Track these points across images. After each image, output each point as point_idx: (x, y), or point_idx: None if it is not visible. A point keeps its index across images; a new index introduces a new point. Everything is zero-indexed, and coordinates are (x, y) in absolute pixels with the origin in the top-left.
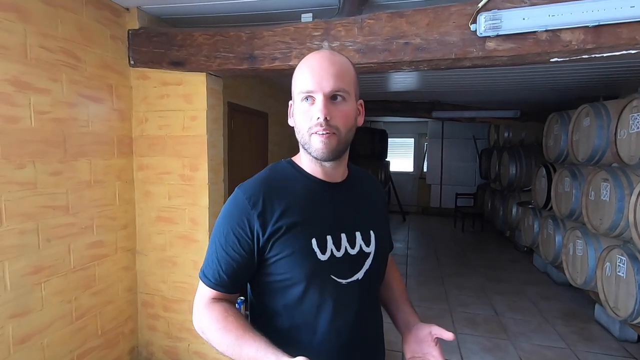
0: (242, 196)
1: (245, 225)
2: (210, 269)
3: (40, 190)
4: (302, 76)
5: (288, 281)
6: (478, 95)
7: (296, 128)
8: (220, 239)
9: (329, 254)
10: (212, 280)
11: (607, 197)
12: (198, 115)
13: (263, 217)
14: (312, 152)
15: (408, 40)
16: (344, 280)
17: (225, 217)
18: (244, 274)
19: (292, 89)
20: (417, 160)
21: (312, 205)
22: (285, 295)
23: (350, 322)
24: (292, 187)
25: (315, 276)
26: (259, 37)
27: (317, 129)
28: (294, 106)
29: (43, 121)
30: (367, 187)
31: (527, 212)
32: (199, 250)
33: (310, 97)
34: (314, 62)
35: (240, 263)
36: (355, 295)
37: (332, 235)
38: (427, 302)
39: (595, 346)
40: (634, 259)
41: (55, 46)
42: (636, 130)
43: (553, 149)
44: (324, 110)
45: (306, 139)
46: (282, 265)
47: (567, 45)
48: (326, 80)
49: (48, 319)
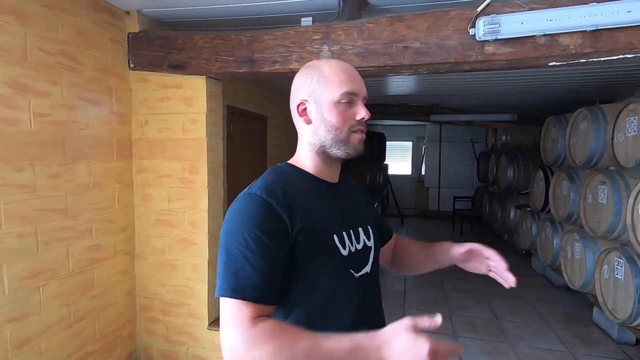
0: (261, 197)
1: (274, 221)
2: (246, 281)
3: (39, 193)
4: (341, 78)
5: (314, 280)
6: (476, 99)
7: (325, 127)
8: (249, 246)
9: (348, 250)
10: (254, 292)
11: (605, 200)
12: (198, 118)
13: (289, 215)
14: (349, 149)
15: (407, 44)
16: (357, 274)
17: (246, 222)
18: (280, 277)
19: (318, 89)
20: (415, 163)
21: (323, 204)
22: (311, 295)
23: (366, 314)
24: (300, 187)
25: (340, 272)
26: (259, 40)
27: (359, 127)
28: (321, 106)
29: (42, 124)
30: (354, 187)
31: (525, 215)
32: (198, 253)
33: (353, 99)
34: (347, 67)
35: (278, 264)
36: (366, 288)
37: (346, 231)
38: (427, 305)
39: (595, 349)
40: (631, 261)
41: (55, 49)
42: (633, 133)
43: (551, 152)
44: (368, 112)
45: (343, 137)
46: (309, 264)
47: (565, 49)
48: (362, 85)
49: (46, 323)
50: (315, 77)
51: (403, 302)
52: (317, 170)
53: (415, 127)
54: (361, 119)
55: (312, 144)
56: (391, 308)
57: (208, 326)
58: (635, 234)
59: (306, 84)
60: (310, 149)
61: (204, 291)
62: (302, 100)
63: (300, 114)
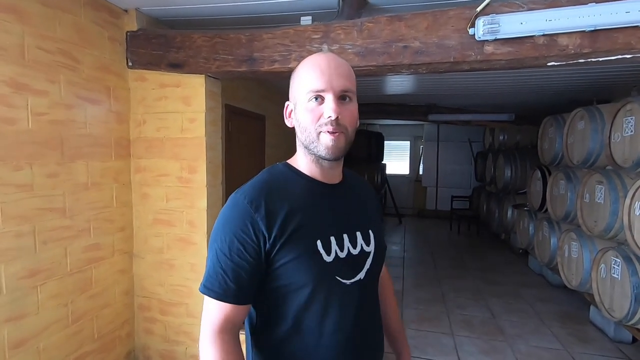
0: (242, 200)
1: (249, 230)
2: (215, 280)
3: (37, 193)
4: (310, 75)
5: (294, 285)
6: (473, 99)
7: (299, 127)
8: (223, 248)
9: (333, 255)
10: (220, 291)
11: (602, 200)
12: (196, 117)
13: (267, 220)
14: (320, 151)
15: (407, 44)
16: (348, 280)
17: (226, 224)
18: (253, 282)
19: (295, 88)
20: (413, 163)
21: (313, 207)
22: (291, 300)
23: (354, 322)
24: (292, 189)
25: (321, 278)
26: (258, 39)
27: (327, 127)
28: (296, 106)
29: (40, 123)
30: (362, 189)
31: (523, 214)
32: (196, 253)
33: (320, 96)
34: (321, 61)
35: (247, 270)
36: (358, 295)
37: (335, 236)
38: (425, 304)
39: (591, 347)
40: (628, 260)
41: (53, 47)
42: (630, 133)
43: (548, 152)
44: (335, 109)
45: (313, 138)
46: (288, 268)
47: (564, 49)
48: (336, 79)
49: (44, 323)
50: (295, 77)
51: (401, 301)
52: (311, 171)
53: (413, 127)
54: (328, 117)
55: (299, 145)
56: None
57: None
58: (632, 233)
59: (290, 85)
60: (300, 149)
61: None
62: (288, 102)
63: (287, 116)
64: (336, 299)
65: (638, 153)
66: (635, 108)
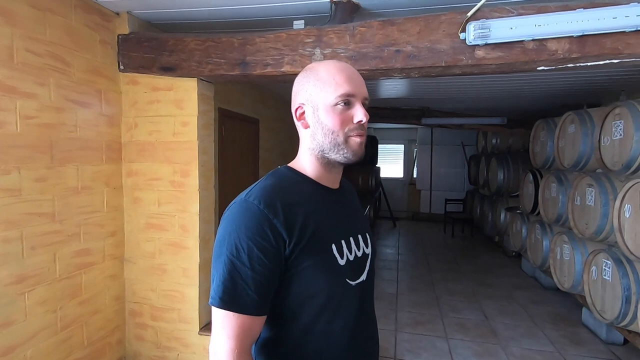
0: (257, 205)
1: (268, 235)
2: (234, 292)
3: (25, 197)
4: (338, 79)
5: (311, 290)
6: (466, 103)
7: (323, 130)
8: (240, 257)
9: (345, 259)
10: (242, 303)
11: (593, 202)
12: (189, 121)
13: (287, 225)
14: (348, 153)
15: (399, 48)
16: (354, 282)
17: (240, 231)
18: (272, 290)
19: (315, 91)
20: (407, 166)
21: (323, 211)
22: (307, 305)
23: (359, 321)
24: (301, 193)
25: (335, 282)
26: (251, 43)
27: (357, 131)
28: (318, 109)
29: (29, 126)
30: (352, 193)
31: (515, 217)
32: (189, 258)
33: (350, 100)
34: (346, 67)
35: (269, 278)
36: (361, 296)
37: (345, 240)
38: (419, 307)
39: (584, 349)
40: (619, 262)
41: (43, 50)
42: (619, 137)
43: (540, 155)
44: (367, 113)
45: (340, 141)
46: (306, 274)
47: (553, 54)
48: (362, 86)
49: (32, 330)
50: (312, 79)
51: (395, 305)
52: (318, 175)
53: (407, 131)
54: (359, 121)
55: (311, 148)
56: (384, 311)
57: (199, 331)
58: (622, 236)
59: (303, 88)
60: (310, 153)
61: (195, 296)
62: (300, 104)
63: (298, 118)
64: (345, 300)
65: (627, 156)
66: (624, 112)
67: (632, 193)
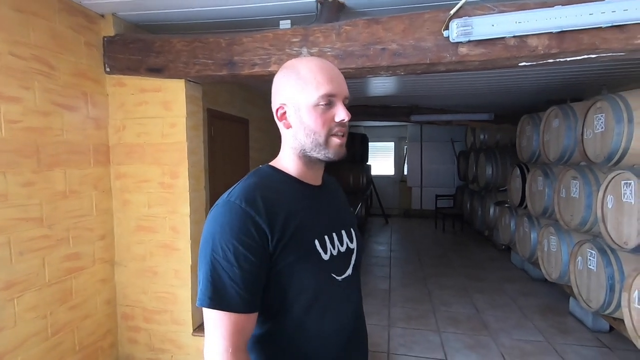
0: (239, 204)
1: (252, 233)
2: (224, 291)
3: (11, 202)
4: (320, 79)
5: (297, 285)
6: (454, 99)
7: (304, 130)
8: (226, 257)
9: (329, 254)
10: (232, 302)
11: (577, 194)
12: (177, 122)
13: (269, 222)
14: (329, 152)
15: (385, 46)
16: (340, 277)
17: (224, 232)
18: (261, 286)
19: (295, 90)
20: (398, 163)
21: (307, 208)
22: (295, 301)
23: (347, 315)
24: (283, 191)
25: (321, 278)
26: (238, 43)
27: (338, 130)
28: (299, 109)
29: (14, 131)
30: (337, 189)
31: (504, 211)
32: (180, 259)
33: (332, 100)
34: (327, 66)
35: (256, 275)
36: (347, 291)
37: (328, 235)
38: (412, 303)
39: (571, 338)
40: (603, 252)
41: (27, 53)
42: (600, 130)
43: (526, 150)
44: (348, 113)
45: (321, 140)
46: (292, 270)
47: (534, 50)
48: (343, 84)
49: (21, 336)
50: (293, 79)
51: (388, 301)
52: (300, 173)
53: (397, 128)
54: (341, 121)
55: (293, 147)
56: (376, 307)
57: (192, 332)
58: (605, 226)
59: (283, 87)
60: (292, 152)
61: (187, 297)
62: (281, 104)
63: (279, 118)
64: (333, 295)
65: (609, 149)
66: (605, 105)
67: (613, 184)
